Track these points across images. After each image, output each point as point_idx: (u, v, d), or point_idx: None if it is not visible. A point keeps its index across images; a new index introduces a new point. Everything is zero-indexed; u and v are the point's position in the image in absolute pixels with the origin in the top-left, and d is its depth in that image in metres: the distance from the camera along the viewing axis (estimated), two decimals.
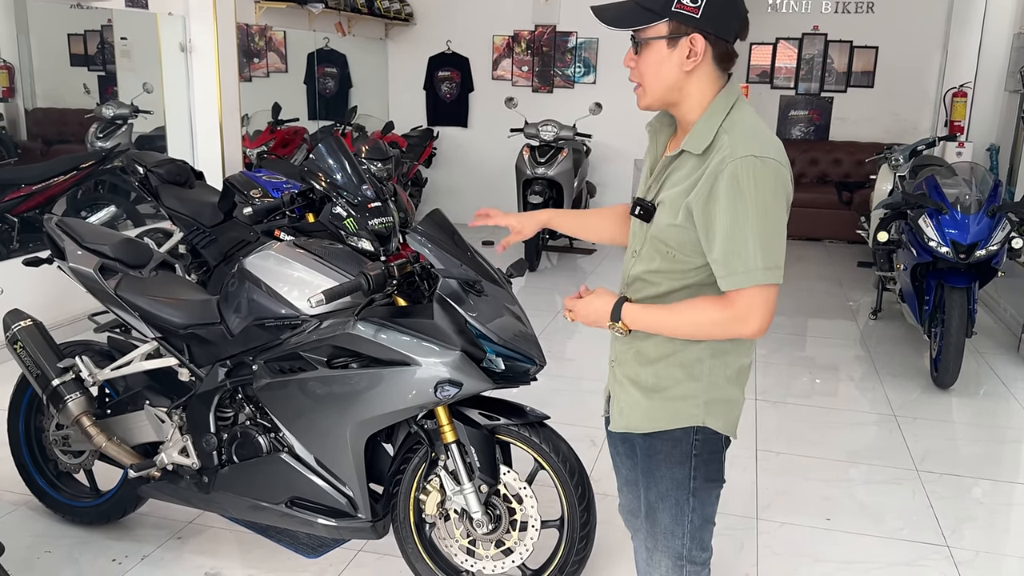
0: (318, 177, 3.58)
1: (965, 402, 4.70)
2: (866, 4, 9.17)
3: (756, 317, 1.67)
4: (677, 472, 1.86)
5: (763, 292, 1.66)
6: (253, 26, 7.20)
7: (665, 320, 1.76)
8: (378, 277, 2.36)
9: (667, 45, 1.69)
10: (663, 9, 1.67)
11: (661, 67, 1.71)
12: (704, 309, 1.71)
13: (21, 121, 6.21)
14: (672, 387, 1.82)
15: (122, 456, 2.89)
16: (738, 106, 1.73)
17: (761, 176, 1.63)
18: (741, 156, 1.63)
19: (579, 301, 1.87)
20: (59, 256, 3.03)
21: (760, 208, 1.63)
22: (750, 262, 1.63)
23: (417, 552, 2.68)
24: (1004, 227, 4.72)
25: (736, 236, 1.63)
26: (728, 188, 1.63)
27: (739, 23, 1.69)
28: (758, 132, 1.69)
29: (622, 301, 1.80)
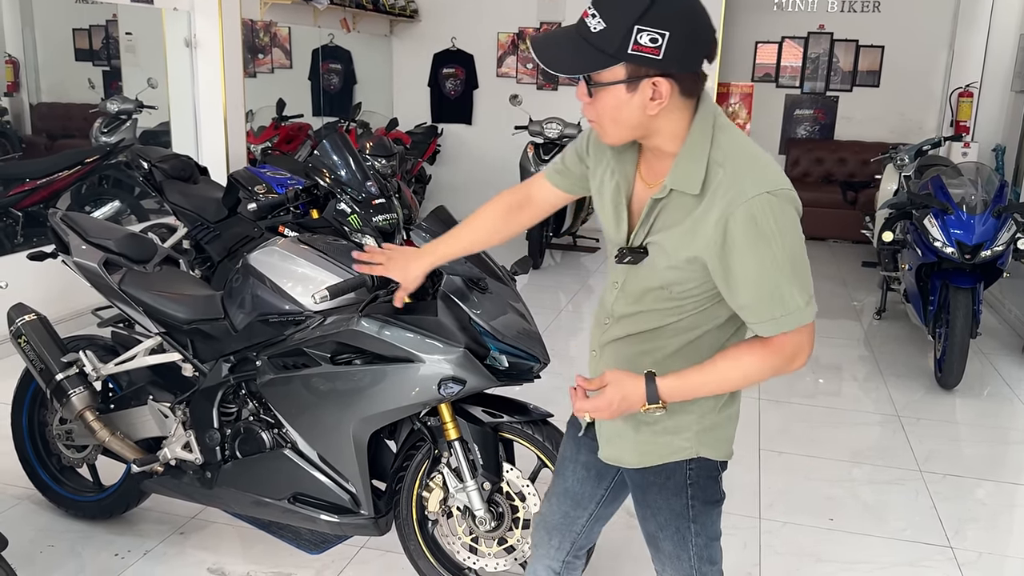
0: (322, 173, 3.59)
1: (969, 403, 4.69)
2: (872, 3, 9.15)
3: (804, 353, 1.56)
4: (674, 503, 1.74)
5: (808, 328, 1.54)
6: (258, 22, 7.20)
7: (709, 382, 1.59)
8: None
9: (626, 89, 1.48)
10: (618, 52, 1.44)
11: (620, 112, 1.51)
12: (750, 361, 1.56)
13: (26, 115, 6.22)
14: (663, 419, 1.68)
15: (125, 451, 2.89)
16: (720, 128, 1.55)
17: (781, 213, 1.48)
18: (754, 195, 1.46)
19: (601, 400, 1.62)
20: (63, 251, 3.03)
21: (789, 248, 1.49)
22: (790, 305, 1.50)
23: (419, 549, 2.68)
24: (1009, 228, 4.71)
25: (768, 282, 1.49)
26: (748, 232, 1.46)
27: (706, 51, 1.48)
28: (756, 159, 1.53)
29: (652, 378, 1.59)
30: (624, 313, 1.69)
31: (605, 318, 1.75)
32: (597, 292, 6.88)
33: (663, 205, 1.57)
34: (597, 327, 1.78)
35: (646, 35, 1.41)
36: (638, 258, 1.60)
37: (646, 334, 1.67)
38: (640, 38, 1.41)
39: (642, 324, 1.67)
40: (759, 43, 9.52)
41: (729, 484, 1.84)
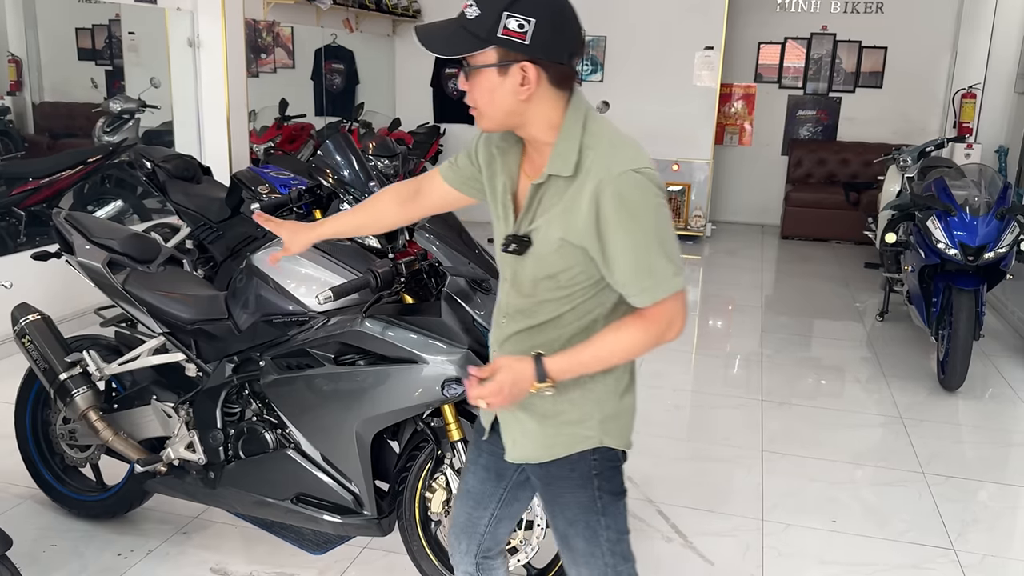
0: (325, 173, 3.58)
1: (972, 405, 4.68)
2: (875, 4, 9.14)
3: (678, 320, 1.65)
4: (581, 496, 1.78)
5: (679, 296, 1.64)
6: (261, 22, 7.20)
7: (597, 355, 1.66)
8: (386, 275, 2.36)
9: (497, 73, 1.59)
10: (489, 36, 1.55)
11: (494, 95, 1.61)
12: (631, 332, 1.64)
13: (29, 115, 6.22)
14: (568, 410, 1.74)
15: (128, 451, 2.90)
16: (591, 118, 1.66)
17: (645, 190, 1.58)
18: (619, 173, 1.57)
19: (489, 385, 1.66)
20: (67, 250, 3.03)
21: (654, 219, 1.59)
22: (659, 275, 1.60)
23: (422, 550, 2.68)
24: (1013, 230, 4.70)
25: (639, 254, 1.59)
26: (616, 208, 1.56)
27: (572, 45, 1.60)
28: (623, 143, 1.63)
29: (539, 358, 1.66)
30: (517, 307, 1.75)
31: (501, 317, 1.80)
32: None
33: (543, 192, 1.66)
34: (495, 327, 1.83)
35: (514, 21, 1.54)
36: (522, 247, 1.68)
37: (540, 327, 1.72)
38: (509, 23, 1.54)
39: (535, 317, 1.72)
40: (762, 44, 9.51)
41: (731, 486, 1.84)
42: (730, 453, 3.91)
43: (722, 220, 9.68)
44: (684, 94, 8.56)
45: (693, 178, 8.80)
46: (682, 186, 8.80)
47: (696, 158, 8.77)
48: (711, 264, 8.10)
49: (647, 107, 8.61)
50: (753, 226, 9.64)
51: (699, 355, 5.41)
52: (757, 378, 4.92)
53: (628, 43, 8.66)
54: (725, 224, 9.63)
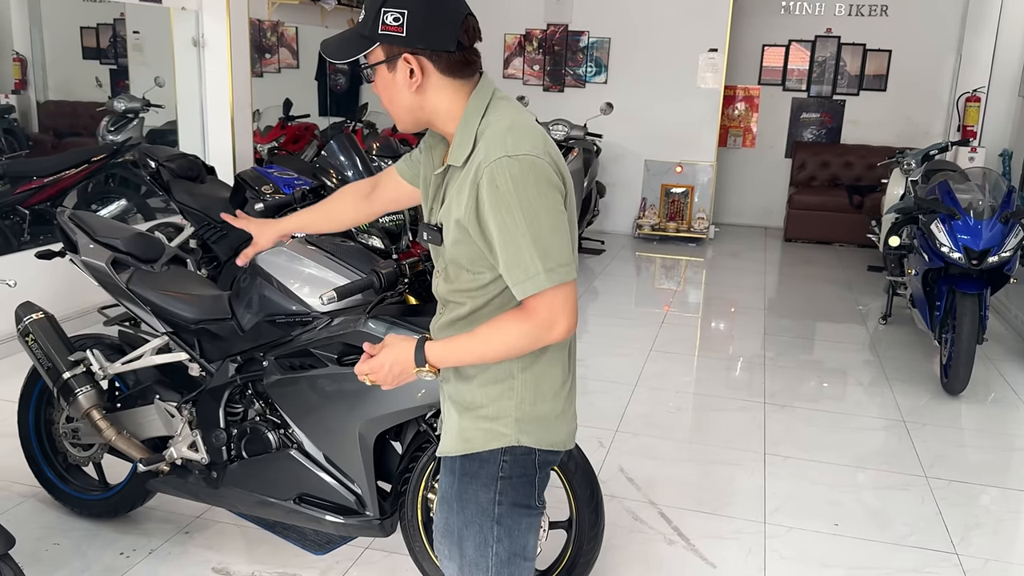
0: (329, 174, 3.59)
1: (975, 409, 4.67)
2: (880, 7, 9.13)
3: (562, 318, 1.58)
4: (482, 496, 1.72)
5: (558, 292, 1.56)
6: (265, 21, 7.21)
7: (473, 348, 1.63)
8: (390, 275, 2.36)
9: (387, 69, 1.63)
10: (373, 34, 1.60)
11: (391, 92, 1.65)
12: (507, 326, 1.60)
13: (33, 113, 6.23)
14: (488, 405, 1.70)
15: (131, 450, 2.90)
16: (494, 106, 1.64)
17: (518, 175, 1.53)
18: (494, 159, 1.54)
19: (374, 361, 1.70)
20: (72, 249, 3.03)
21: (525, 209, 1.53)
22: (530, 268, 1.54)
23: (424, 551, 2.67)
24: (1017, 233, 4.70)
25: (510, 244, 1.54)
26: (490, 195, 1.54)
27: (453, 28, 1.59)
28: (512, 129, 1.59)
29: (423, 342, 1.67)
30: (443, 296, 1.75)
31: (439, 306, 1.80)
32: (602, 294, 6.89)
33: (447, 181, 1.68)
34: (434, 320, 1.83)
35: (390, 15, 1.57)
36: (434, 236, 1.69)
37: (462, 322, 1.71)
38: (386, 18, 1.58)
39: (459, 308, 1.72)
40: (766, 46, 9.50)
41: (734, 488, 1.82)
42: (732, 456, 3.91)
43: (725, 222, 9.68)
44: (688, 96, 8.56)
45: (696, 180, 8.80)
46: (685, 188, 8.80)
47: (699, 160, 8.76)
48: (714, 266, 8.09)
49: (651, 109, 8.61)
50: (756, 228, 9.63)
51: (701, 357, 5.41)
52: (760, 381, 4.92)
53: (632, 45, 8.66)
54: (728, 226, 9.63)
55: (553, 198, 1.57)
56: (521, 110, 1.68)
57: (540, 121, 7.46)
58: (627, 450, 3.88)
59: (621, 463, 3.75)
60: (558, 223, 1.57)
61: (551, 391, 1.72)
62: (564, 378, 1.75)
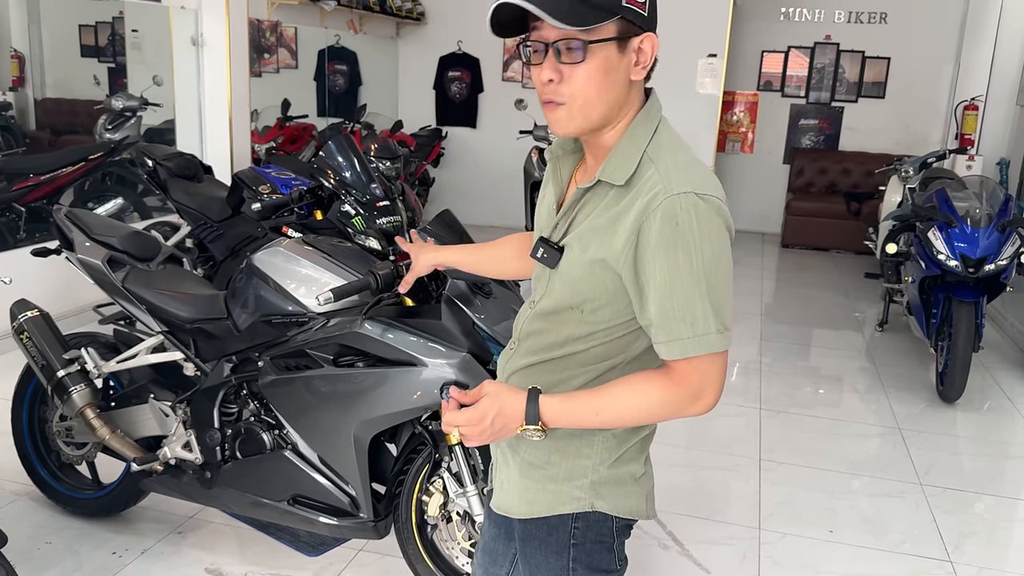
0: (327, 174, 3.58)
1: (970, 417, 4.68)
2: (879, 15, 9.15)
3: (711, 391, 1.35)
4: (553, 562, 1.50)
5: (717, 360, 1.33)
6: (265, 21, 7.20)
7: (599, 409, 1.37)
8: (387, 276, 2.35)
9: (617, 48, 1.34)
10: (615, 5, 1.32)
11: (607, 78, 1.35)
12: (648, 390, 1.36)
13: (30, 111, 6.22)
14: (559, 463, 1.47)
15: (125, 449, 2.89)
16: (664, 128, 1.42)
17: (705, 218, 1.30)
18: (679, 192, 1.30)
19: (472, 413, 1.38)
20: (68, 247, 3.03)
21: (707, 257, 1.30)
22: (699, 325, 1.30)
23: (418, 553, 2.67)
24: (1014, 242, 4.70)
25: (678, 293, 1.30)
26: (664, 232, 1.29)
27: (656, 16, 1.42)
28: (693, 164, 1.37)
29: (536, 395, 1.38)
30: (530, 331, 1.49)
31: (514, 341, 1.55)
32: None
33: (588, 198, 1.42)
34: (504, 351, 1.59)
35: None
36: (552, 255, 1.42)
37: (549, 364, 1.47)
38: None
39: (546, 348, 1.46)
40: (765, 52, 9.51)
41: (729, 494, 1.82)
42: (728, 461, 3.91)
43: None
44: (687, 101, 8.56)
45: None
46: None
47: None
48: None
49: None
50: (754, 234, 9.64)
51: None
52: (756, 386, 4.91)
53: None
54: None
55: (728, 254, 1.35)
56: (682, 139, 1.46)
57: (539, 124, 7.52)
58: None
59: None
60: (729, 283, 1.35)
61: (632, 456, 1.50)
62: (645, 445, 1.53)
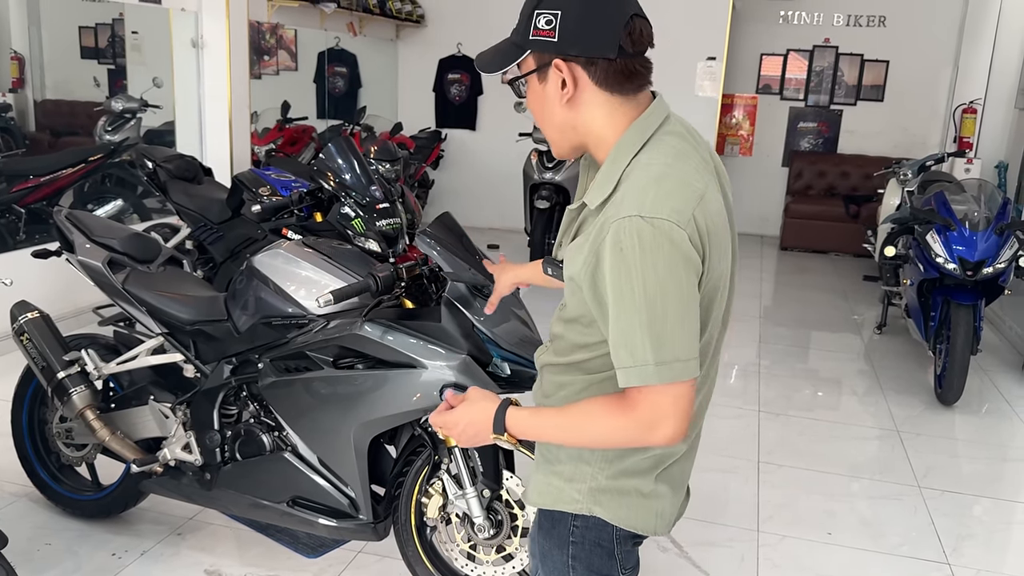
0: (327, 177, 3.58)
1: (968, 419, 4.68)
2: (878, 18, 9.17)
3: (667, 423, 1.32)
4: (556, 555, 1.55)
5: (667, 392, 1.30)
6: (265, 24, 7.21)
7: (560, 428, 1.43)
8: (386, 279, 2.36)
9: (538, 79, 1.41)
10: (524, 41, 1.40)
11: (543, 107, 1.44)
12: (602, 416, 1.37)
13: (30, 112, 6.23)
14: (565, 463, 1.51)
15: (125, 450, 2.89)
16: (654, 144, 1.38)
17: (648, 243, 1.26)
18: (625, 216, 1.28)
19: (448, 416, 1.51)
20: (68, 249, 3.03)
21: (649, 284, 1.27)
22: (638, 354, 1.29)
23: (417, 555, 2.67)
24: (1012, 245, 4.71)
25: (621, 319, 1.30)
26: (611, 258, 1.29)
27: (612, 30, 1.35)
28: (659, 181, 1.32)
29: (505, 407, 1.46)
30: (554, 333, 1.55)
31: (548, 340, 1.62)
32: None
33: (581, 220, 1.44)
34: (540, 348, 1.64)
35: (543, 18, 1.37)
36: (557, 272, 1.49)
37: (563, 366, 1.52)
38: (538, 22, 1.38)
39: (561, 352, 1.52)
40: (764, 55, 9.53)
41: (727, 497, 1.82)
42: (726, 464, 3.91)
43: None
44: (686, 104, 8.56)
45: None
46: None
47: None
48: None
49: None
50: (752, 237, 9.65)
51: None
52: (754, 389, 4.92)
53: None
54: None
55: (687, 280, 1.29)
56: (687, 154, 1.39)
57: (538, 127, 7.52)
58: None
59: None
60: (686, 310, 1.30)
61: (638, 471, 1.48)
62: (661, 463, 1.49)
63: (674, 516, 1.57)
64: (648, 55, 1.45)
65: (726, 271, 1.42)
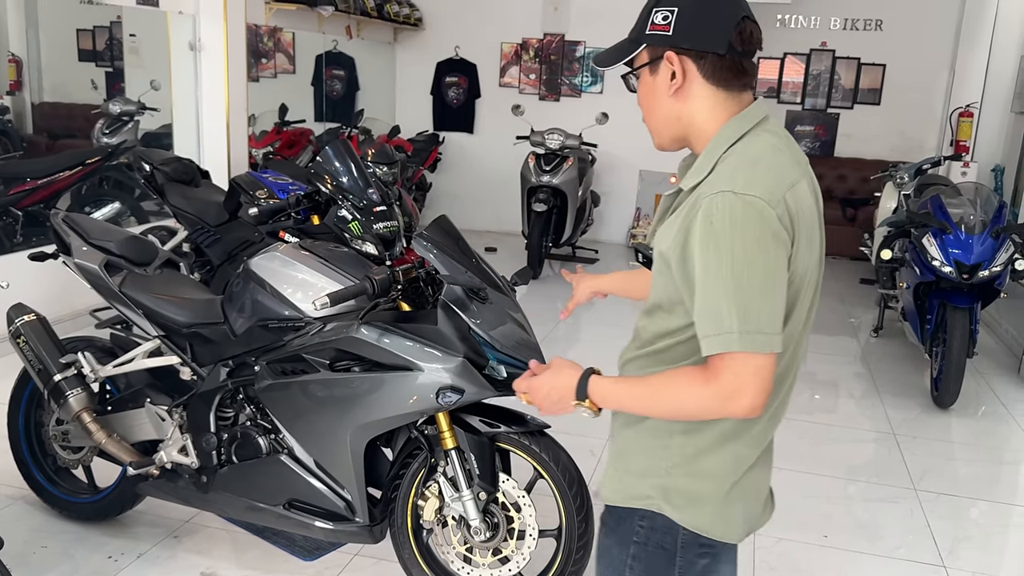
0: (324, 179, 3.59)
1: (965, 422, 4.69)
2: (875, 22, 9.19)
3: (746, 393, 1.35)
4: (615, 553, 1.57)
5: (749, 361, 1.34)
6: (263, 27, 7.22)
7: (639, 396, 1.46)
8: (383, 281, 2.37)
9: (650, 72, 1.49)
10: (639, 36, 1.49)
11: (651, 99, 1.51)
12: (684, 382, 1.40)
13: (28, 115, 6.23)
14: (635, 457, 1.54)
15: (121, 453, 2.89)
16: (752, 136, 1.46)
17: (739, 217, 1.33)
18: (718, 192, 1.36)
19: (533, 380, 1.56)
20: (65, 252, 3.03)
21: (737, 255, 1.33)
22: (724, 323, 1.33)
23: (413, 558, 2.67)
24: (1008, 248, 4.72)
25: (708, 289, 1.35)
26: (700, 231, 1.36)
27: (724, 28, 1.42)
28: (754, 164, 1.40)
29: (588, 375, 1.50)
30: (637, 326, 1.59)
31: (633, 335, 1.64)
32: (595, 303, 6.88)
33: (674, 206, 1.52)
34: (625, 348, 1.65)
35: (660, 14, 1.46)
36: (646, 258, 1.52)
37: (646, 358, 1.54)
38: (656, 18, 1.46)
39: (645, 343, 1.55)
40: (761, 58, 9.50)
41: None
42: None
43: None
44: None
45: None
46: None
47: None
48: None
49: None
50: None
51: None
52: None
53: None
54: None
55: (775, 255, 1.35)
56: (782, 150, 1.46)
57: (535, 129, 7.53)
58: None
59: None
60: (773, 284, 1.35)
61: (713, 472, 1.49)
62: (737, 466, 1.50)
63: (748, 524, 1.56)
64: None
65: (813, 269, 1.45)
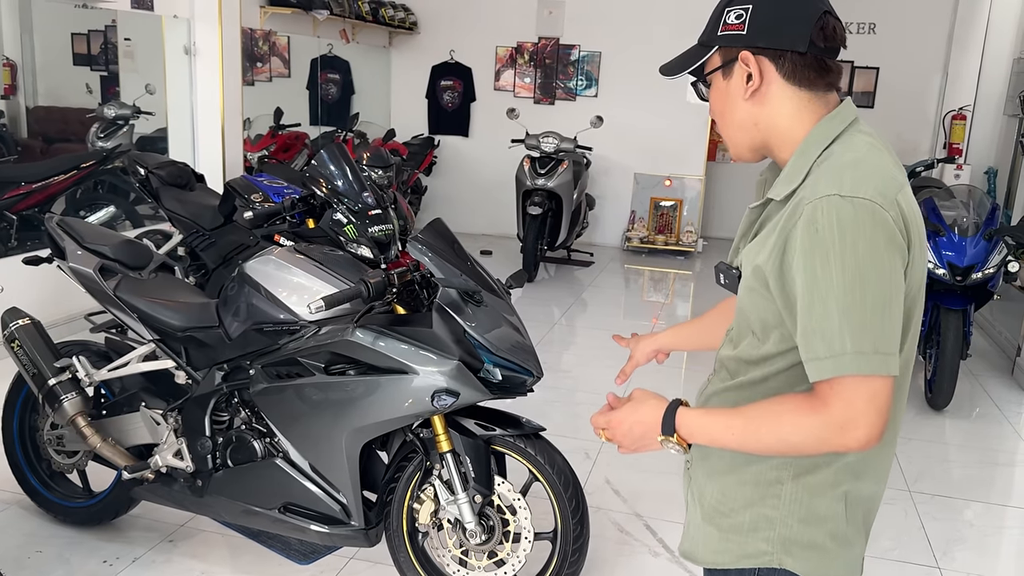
0: (319, 183, 3.60)
1: (958, 424, 4.71)
2: (868, 25, 9.22)
3: (860, 422, 1.18)
4: None
5: (864, 386, 1.18)
6: (257, 30, 7.22)
7: (734, 430, 1.28)
8: (378, 285, 2.37)
9: (723, 76, 1.37)
10: (711, 38, 1.38)
11: (725, 104, 1.39)
12: (788, 412, 1.24)
13: (22, 119, 6.21)
14: (739, 512, 1.37)
15: (116, 457, 2.89)
16: (846, 137, 1.32)
17: (849, 222, 1.18)
18: (822, 196, 1.21)
19: (613, 415, 1.40)
20: (59, 255, 3.03)
21: (848, 266, 1.17)
22: (835, 343, 1.18)
23: (409, 561, 2.68)
24: (1001, 250, 4.74)
25: (816, 305, 1.19)
26: (804, 239, 1.20)
27: (804, 25, 1.31)
28: (857, 164, 1.25)
29: (675, 407, 1.35)
30: (721, 357, 1.46)
31: (714, 366, 1.51)
32: (591, 305, 6.89)
33: (762, 219, 1.38)
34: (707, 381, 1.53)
35: (733, 13, 1.35)
36: (731, 280, 1.39)
37: (734, 392, 1.40)
38: (728, 18, 1.35)
39: (731, 374, 1.42)
40: None
41: None
42: None
43: (714, 236, 9.72)
44: (678, 111, 8.59)
45: (685, 194, 8.85)
46: (674, 201, 8.85)
47: (688, 174, 8.82)
48: (702, 279, 8.13)
49: (641, 123, 8.66)
50: None
51: (689, 370, 5.43)
52: None
53: (623, 59, 8.71)
54: (717, 240, 9.67)
55: (891, 263, 1.20)
56: (881, 151, 1.32)
57: (530, 133, 7.54)
58: (613, 462, 3.89)
59: (607, 475, 3.76)
60: (889, 297, 1.19)
61: (830, 513, 1.34)
62: (858, 506, 1.38)
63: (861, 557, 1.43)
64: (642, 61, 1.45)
65: (923, 280, 1.31)
